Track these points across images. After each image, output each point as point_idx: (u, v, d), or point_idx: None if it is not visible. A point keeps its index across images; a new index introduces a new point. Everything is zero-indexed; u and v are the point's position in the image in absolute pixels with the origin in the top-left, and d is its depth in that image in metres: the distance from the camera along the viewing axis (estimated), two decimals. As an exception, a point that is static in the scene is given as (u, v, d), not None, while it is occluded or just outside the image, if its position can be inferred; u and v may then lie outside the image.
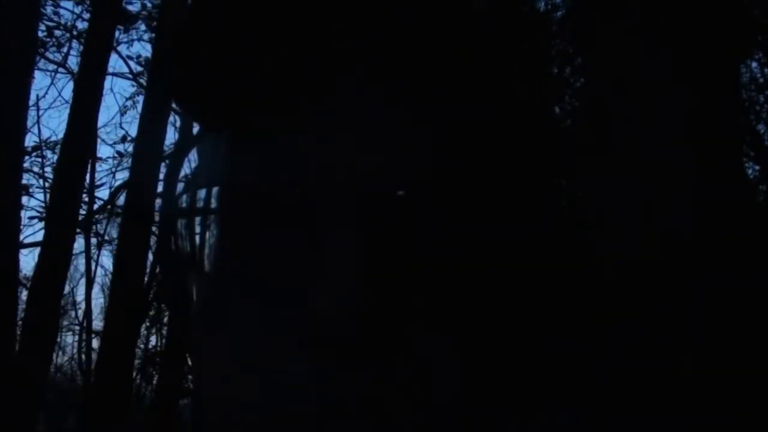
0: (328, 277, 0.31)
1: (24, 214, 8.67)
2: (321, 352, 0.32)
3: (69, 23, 8.70)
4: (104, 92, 6.19)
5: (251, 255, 0.35)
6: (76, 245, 6.80)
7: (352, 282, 0.31)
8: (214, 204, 0.36)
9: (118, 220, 8.16)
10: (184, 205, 0.37)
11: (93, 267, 11.31)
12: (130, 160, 7.76)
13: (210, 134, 0.39)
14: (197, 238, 0.37)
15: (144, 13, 8.38)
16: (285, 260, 0.34)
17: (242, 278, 0.35)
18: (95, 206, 9.24)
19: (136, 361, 8.99)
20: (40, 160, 8.94)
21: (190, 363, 7.26)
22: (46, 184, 8.71)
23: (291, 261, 0.33)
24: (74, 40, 8.75)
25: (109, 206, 9.58)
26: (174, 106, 7.72)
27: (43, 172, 8.98)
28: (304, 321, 0.32)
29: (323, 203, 0.33)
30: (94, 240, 10.29)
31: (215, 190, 0.36)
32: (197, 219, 0.37)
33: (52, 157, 8.80)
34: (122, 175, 11.01)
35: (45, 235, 5.77)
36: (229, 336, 0.35)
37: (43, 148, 8.93)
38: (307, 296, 0.32)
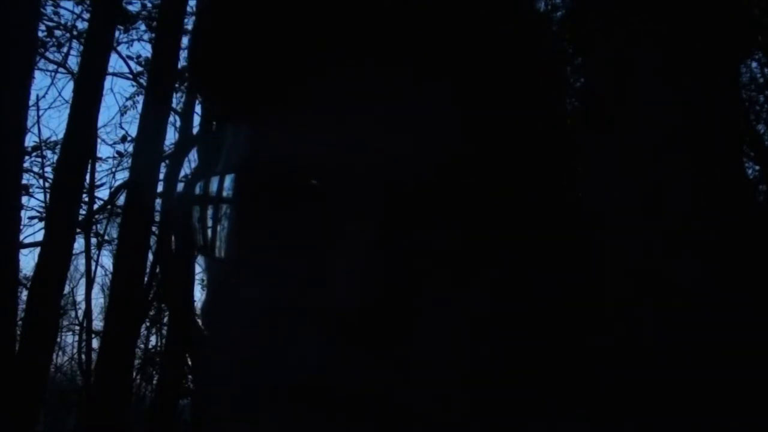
0: (344, 264, 0.31)
1: (24, 214, 8.69)
2: (334, 339, 0.32)
3: (69, 23, 8.72)
4: (104, 92, 6.20)
5: (266, 240, 0.35)
6: (76, 245, 6.80)
7: (369, 270, 0.31)
8: (227, 193, 0.36)
9: (118, 220, 8.15)
10: (198, 192, 0.37)
11: (93, 267, 11.33)
12: (130, 160, 7.77)
13: (228, 123, 0.39)
14: (209, 227, 0.36)
15: (144, 13, 8.39)
16: (300, 246, 0.34)
17: (256, 263, 0.35)
18: (95, 206, 9.25)
19: (136, 361, 8.99)
20: (40, 160, 8.95)
21: (190, 363, 7.25)
22: (46, 184, 8.71)
23: (307, 246, 0.33)
24: (74, 40, 8.77)
25: (109, 206, 9.58)
26: (174, 105, 7.73)
27: (43, 172, 8.99)
28: (318, 307, 0.32)
29: (341, 189, 0.33)
30: (94, 240, 10.31)
31: (229, 178, 0.36)
32: (210, 209, 0.36)
33: (52, 157, 8.81)
34: (122, 175, 11.04)
35: (45, 235, 5.76)
36: (240, 320, 0.35)
37: (43, 148, 8.94)
38: (322, 283, 0.32)
